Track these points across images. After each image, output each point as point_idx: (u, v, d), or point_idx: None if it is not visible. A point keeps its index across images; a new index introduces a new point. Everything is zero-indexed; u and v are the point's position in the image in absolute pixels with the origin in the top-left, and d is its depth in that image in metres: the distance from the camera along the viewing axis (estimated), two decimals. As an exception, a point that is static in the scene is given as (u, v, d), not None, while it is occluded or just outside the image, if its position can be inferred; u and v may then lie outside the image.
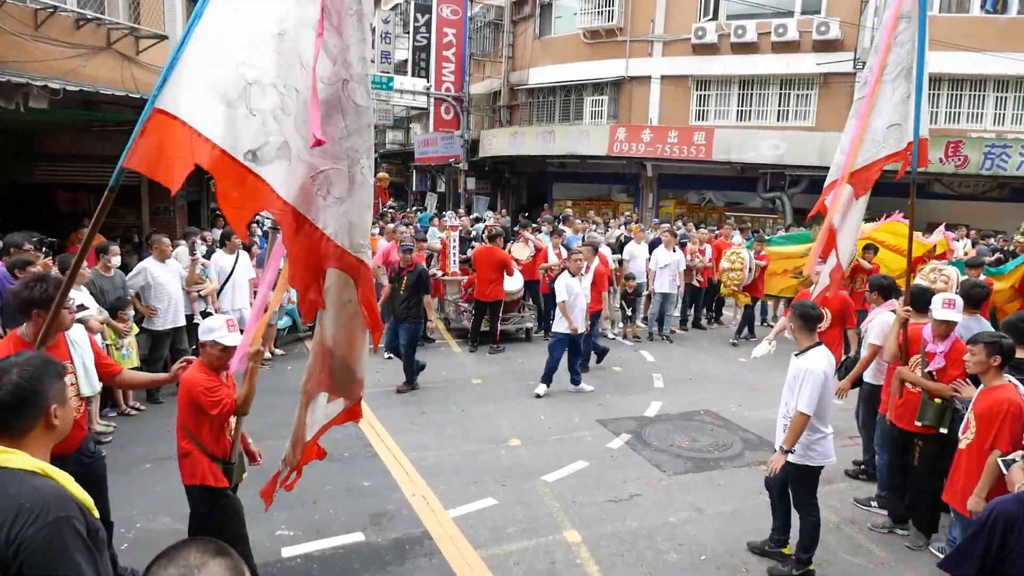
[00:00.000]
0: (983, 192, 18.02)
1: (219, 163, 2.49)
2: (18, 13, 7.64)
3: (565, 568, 4.46)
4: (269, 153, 2.61)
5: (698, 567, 4.53)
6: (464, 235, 12.46)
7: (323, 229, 2.82)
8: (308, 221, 2.77)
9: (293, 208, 2.71)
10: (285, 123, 2.66)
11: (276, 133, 2.63)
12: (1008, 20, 16.88)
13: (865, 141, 4.79)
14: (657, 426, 7.09)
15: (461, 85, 23.41)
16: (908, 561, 4.68)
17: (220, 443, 3.79)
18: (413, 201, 28.63)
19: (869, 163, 4.80)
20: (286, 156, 2.67)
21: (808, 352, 4.31)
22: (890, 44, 4.72)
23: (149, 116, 2.38)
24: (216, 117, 2.49)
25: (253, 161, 2.57)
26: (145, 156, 2.37)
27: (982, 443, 3.78)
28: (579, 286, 7.99)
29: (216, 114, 2.49)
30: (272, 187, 2.63)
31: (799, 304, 4.55)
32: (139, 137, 2.37)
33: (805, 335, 4.38)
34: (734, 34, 18.49)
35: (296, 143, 2.70)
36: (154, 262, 7.22)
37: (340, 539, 4.70)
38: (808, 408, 4.15)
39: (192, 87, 2.44)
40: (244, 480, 3.98)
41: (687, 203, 21.60)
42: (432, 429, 6.84)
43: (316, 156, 2.76)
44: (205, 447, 3.73)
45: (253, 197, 2.60)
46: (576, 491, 5.55)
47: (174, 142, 2.40)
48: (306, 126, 2.68)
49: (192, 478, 3.74)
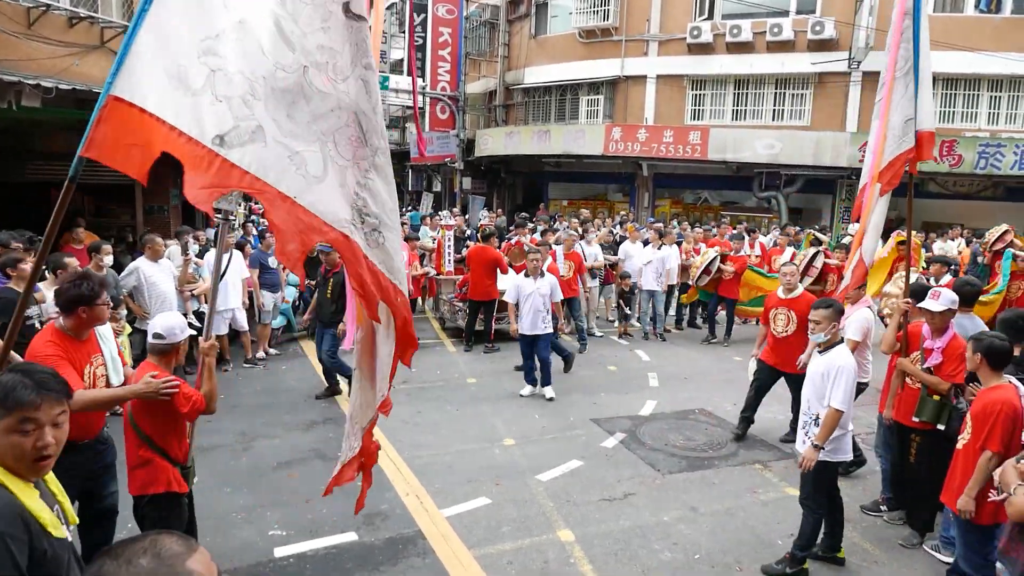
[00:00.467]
0: (977, 191, 18.10)
1: (186, 150, 2.49)
2: (11, 11, 7.60)
3: (558, 567, 4.45)
4: (240, 136, 2.62)
5: (691, 566, 4.52)
6: (459, 234, 12.46)
7: (306, 205, 2.82)
8: (289, 198, 2.77)
9: (274, 188, 2.72)
10: (256, 107, 2.66)
11: (248, 118, 2.64)
12: (1002, 20, 16.95)
13: (888, 138, 4.83)
14: (652, 425, 7.09)
15: (457, 84, 23.38)
16: (902, 559, 4.69)
17: (182, 446, 3.64)
18: (409, 201, 28.59)
19: (893, 158, 4.82)
20: (261, 139, 2.68)
21: (834, 348, 4.36)
22: (899, 41, 4.77)
23: (105, 104, 2.36)
24: (181, 105, 2.49)
25: (220, 145, 2.57)
26: (103, 145, 2.36)
27: (976, 443, 3.78)
28: (531, 286, 7.82)
29: (181, 102, 2.49)
30: (246, 169, 2.63)
31: (823, 300, 4.60)
32: (96, 126, 2.35)
33: (830, 331, 4.42)
34: (729, 33, 18.51)
35: (270, 126, 2.71)
36: (147, 261, 7.19)
37: (333, 539, 4.68)
38: (843, 404, 4.19)
39: (151, 75, 2.43)
40: (241, 481, 3.98)
41: (683, 202, 21.64)
42: (426, 428, 6.83)
43: (290, 139, 2.78)
44: (168, 452, 3.55)
45: (223, 179, 2.59)
46: (570, 490, 5.54)
47: (133, 129, 2.39)
48: (277, 111, 2.71)
49: (154, 487, 3.52)
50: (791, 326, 6.44)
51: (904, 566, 4.61)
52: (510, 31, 23.54)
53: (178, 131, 2.48)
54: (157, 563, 1.20)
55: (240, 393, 7.29)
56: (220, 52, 2.59)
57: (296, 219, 2.79)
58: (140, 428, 3.50)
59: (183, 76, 2.52)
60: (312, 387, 7.93)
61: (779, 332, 6.52)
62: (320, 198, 2.85)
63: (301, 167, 2.80)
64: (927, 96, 4.81)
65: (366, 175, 2.99)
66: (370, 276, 3.02)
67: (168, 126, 2.46)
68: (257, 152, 2.67)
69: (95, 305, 3.59)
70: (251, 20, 2.68)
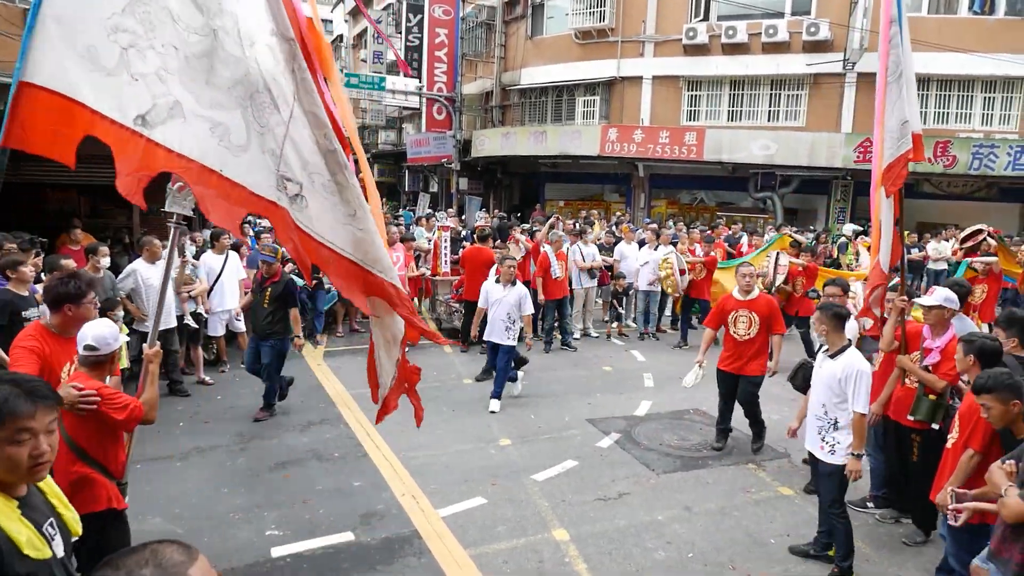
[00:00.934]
0: (971, 192, 18.18)
1: (110, 132, 2.47)
2: (6, 13, 7.64)
3: (553, 566, 4.49)
4: (160, 115, 2.59)
5: (685, 565, 4.57)
6: (455, 235, 12.49)
7: (232, 177, 2.78)
8: (215, 172, 2.74)
9: (199, 163, 2.69)
10: (171, 82, 2.63)
11: (164, 95, 2.61)
12: (996, 21, 17.03)
13: (886, 141, 4.89)
14: (647, 425, 7.13)
15: (453, 85, 23.40)
16: (892, 557, 4.73)
17: (119, 459, 3.42)
18: (406, 201, 28.60)
19: (894, 160, 4.89)
20: (179, 114, 2.64)
21: (845, 352, 4.39)
22: (887, 49, 4.85)
23: (17, 91, 2.33)
24: (98, 87, 2.46)
25: (143, 126, 2.55)
26: (22, 133, 2.33)
27: (962, 442, 3.83)
28: (499, 293, 7.59)
29: (97, 84, 2.46)
30: (169, 148, 2.60)
31: (829, 304, 4.63)
32: (11, 114, 2.32)
33: (838, 335, 4.45)
34: (725, 35, 18.57)
35: (187, 99, 2.67)
36: (144, 263, 7.21)
37: (330, 539, 4.71)
38: (866, 408, 4.24)
39: (61, 58, 2.40)
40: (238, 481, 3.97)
41: (679, 203, 21.69)
42: (423, 429, 6.75)
43: (209, 109, 2.74)
44: (107, 467, 3.33)
45: (150, 161, 2.57)
46: (565, 490, 5.58)
47: (50, 114, 2.36)
48: (193, 82, 2.67)
49: (94, 504, 3.22)
50: (753, 329, 6.20)
51: (894, 564, 4.65)
52: (506, 32, 23.56)
53: (100, 114, 2.44)
54: (160, 573, 1.22)
55: (237, 394, 7.31)
56: (128, 27, 2.53)
57: (224, 192, 2.76)
58: (74, 440, 3.23)
59: (95, 57, 2.46)
60: (309, 388, 7.96)
61: (740, 335, 6.25)
62: (247, 168, 2.83)
63: (224, 138, 2.76)
64: (913, 98, 4.89)
65: (282, 142, 2.94)
66: (302, 242, 3.01)
67: (89, 109, 2.42)
68: (177, 128, 2.63)
69: (81, 304, 3.59)
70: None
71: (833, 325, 4.45)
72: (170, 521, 4.87)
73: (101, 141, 2.50)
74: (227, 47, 2.76)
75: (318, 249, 3.08)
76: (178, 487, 5.40)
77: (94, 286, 3.77)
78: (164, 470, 5.70)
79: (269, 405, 7.03)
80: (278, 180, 2.94)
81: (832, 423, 4.40)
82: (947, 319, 4.78)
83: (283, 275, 7.16)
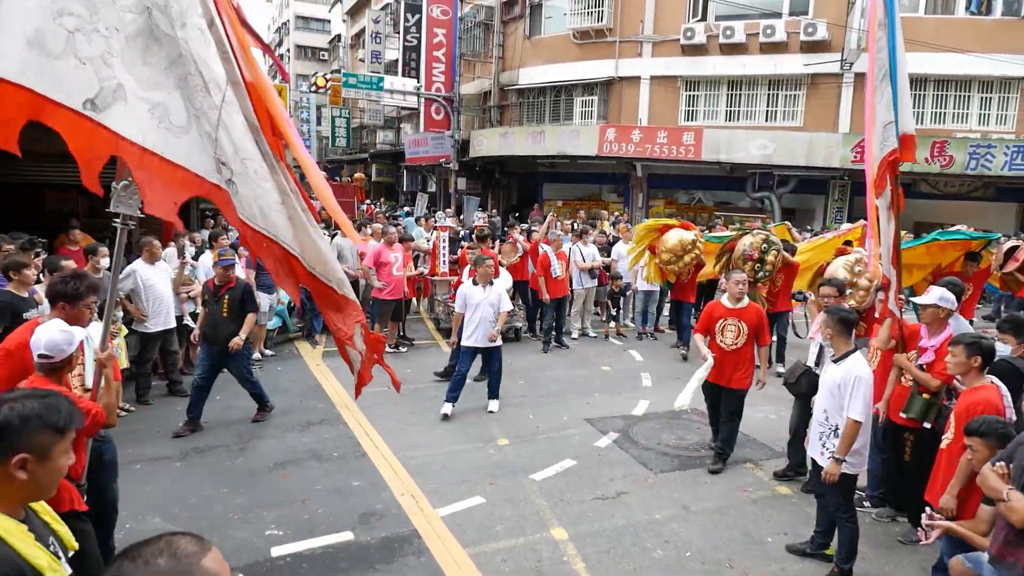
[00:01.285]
0: (968, 192, 18.24)
1: (61, 117, 2.47)
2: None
3: (552, 565, 4.51)
4: (106, 98, 2.59)
5: (683, 563, 4.59)
6: (453, 236, 12.51)
7: (174, 159, 2.78)
8: (156, 154, 2.73)
9: (140, 146, 2.68)
10: (115, 65, 2.63)
11: (109, 78, 2.61)
12: (993, 21, 17.09)
13: (873, 144, 4.92)
14: (644, 424, 7.16)
15: (451, 85, 23.43)
16: (889, 556, 4.76)
17: (80, 462, 3.37)
18: (404, 201, 28.62)
19: (879, 162, 4.92)
20: (122, 97, 2.64)
21: (849, 357, 4.35)
22: (874, 52, 4.89)
23: None
24: (45, 71, 2.46)
25: (93, 110, 2.55)
26: None
27: (959, 443, 3.85)
28: (480, 295, 7.32)
29: (44, 68, 2.45)
30: (116, 131, 2.61)
31: (836, 308, 4.61)
32: None
33: (844, 340, 4.41)
34: (723, 35, 18.62)
35: (129, 81, 2.67)
36: (144, 264, 7.21)
37: (329, 538, 4.73)
38: (862, 416, 4.18)
39: (9, 44, 2.39)
40: (238, 481, 3.99)
41: (677, 203, 21.72)
42: (421, 429, 6.89)
43: (149, 90, 2.73)
44: None
45: (102, 145, 2.57)
46: (563, 489, 5.60)
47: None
48: (132, 62, 2.68)
49: (58, 506, 3.16)
50: (741, 338, 5.98)
51: (891, 562, 4.68)
52: (505, 32, 23.59)
53: (47, 98, 2.43)
54: (174, 563, 1.26)
55: (237, 394, 7.31)
56: (74, 10, 2.53)
57: (165, 175, 2.75)
58: None
59: (42, 41, 2.45)
60: (308, 388, 7.98)
61: (728, 345, 6.01)
62: (188, 150, 2.82)
63: (164, 119, 2.76)
64: (907, 99, 4.90)
65: (216, 126, 2.93)
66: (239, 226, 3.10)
67: (38, 95, 2.41)
68: (120, 111, 2.64)
69: (76, 305, 3.61)
70: None
71: (839, 329, 4.39)
72: (170, 521, 4.89)
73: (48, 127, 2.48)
74: (161, 26, 2.76)
75: (254, 235, 3.14)
76: (177, 487, 5.41)
77: (95, 290, 3.78)
78: (163, 470, 5.72)
79: (264, 405, 7.01)
80: (215, 164, 2.94)
81: (833, 429, 4.37)
82: (943, 318, 4.78)
83: (238, 280, 6.92)
